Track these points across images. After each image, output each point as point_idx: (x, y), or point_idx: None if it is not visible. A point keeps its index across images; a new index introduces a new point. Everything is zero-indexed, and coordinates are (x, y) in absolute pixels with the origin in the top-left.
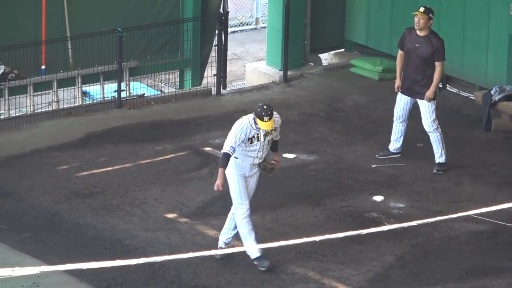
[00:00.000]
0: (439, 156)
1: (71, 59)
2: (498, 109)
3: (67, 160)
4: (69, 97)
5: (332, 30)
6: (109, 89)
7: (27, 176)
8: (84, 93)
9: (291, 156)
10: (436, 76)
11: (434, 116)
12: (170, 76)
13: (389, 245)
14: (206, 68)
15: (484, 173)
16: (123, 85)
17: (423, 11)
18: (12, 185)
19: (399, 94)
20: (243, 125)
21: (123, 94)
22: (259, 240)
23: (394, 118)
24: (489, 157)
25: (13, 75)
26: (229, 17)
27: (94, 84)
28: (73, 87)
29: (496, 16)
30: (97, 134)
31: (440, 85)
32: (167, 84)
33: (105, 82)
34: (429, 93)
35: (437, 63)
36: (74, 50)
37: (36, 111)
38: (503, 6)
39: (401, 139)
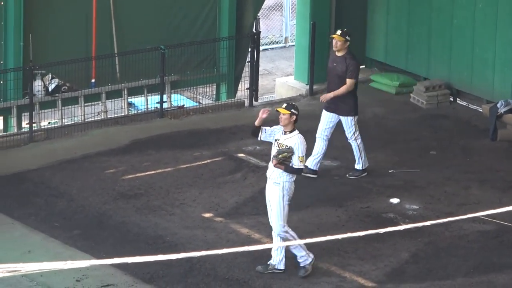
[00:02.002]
0: (357, 163)
1: (118, 73)
2: (504, 120)
3: (114, 164)
4: (116, 107)
5: (354, 49)
6: (152, 101)
7: (78, 178)
8: (130, 104)
9: None
10: (342, 88)
11: (354, 129)
12: (207, 89)
13: (405, 243)
14: (240, 82)
15: (491, 178)
16: (165, 97)
17: (340, 34)
18: (64, 186)
19: (323, 111)
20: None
21: (165, 105)
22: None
23: (317, 134)
24: (495, 164)
25: (66, 87)
26: (261, 36)
27: (138, 96)
28: (120, 98)
29: (502, 36)
30: (141, 141)
31: (451, 99)
32: (204, 97)
33: (149, 94)
34: (327, 96)
35: (347, 80)
36: (121, 65)
37: (86, 120)
38: (508, 27)
39: (320, 158)
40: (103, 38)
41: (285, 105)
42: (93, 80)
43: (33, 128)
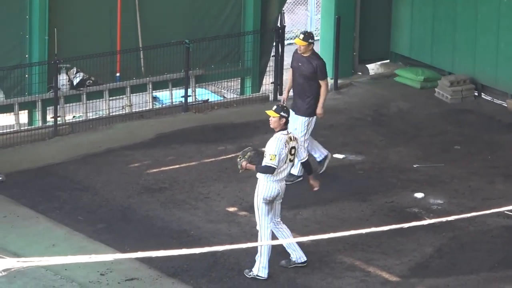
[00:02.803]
0: (294, 168)
1: (143, 67)
2: None
3: (139, 158)
4: (140, 101)
5: (379, 43)
6: (177, 95)
7: (102, 172)
8: (154, 98)
9: (340, 156)
10: (322, 92)
11: (305, 132)
12: (232, 83)
13: (429, 237)
14: (264, 76)
15: None
16: (189, 91)
17: (302, 38)
18: (89, 180)
19: (290, 111)
20: None
21: (190, 99)
22: (310, 232)
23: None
24: None
25: (91, 81)
26: (286, 30)
27: (163, 90)
28: (145, 92)
29: None
30: (165, 135)
31: (476, 93)
32: (229, 91)
33: (173, 88)
34: (318, 109)
35: (321, 82)
36: (146, 59)
37: (111, 114)
38: None
39: (319, 149)
40: (127, 32)
41: (274, 107)
42: (118, 74)
43: (58, 122)
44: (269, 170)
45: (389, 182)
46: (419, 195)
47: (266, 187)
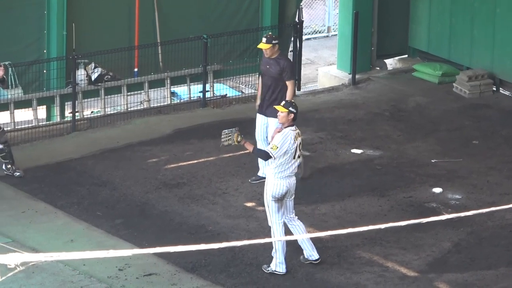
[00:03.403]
0: (260, 169)
1: (161, 63)
2: None
3: (157, 153)
4: (158, 96)
5: (397, 38)
6: (195, 90)
7: (120, 167)
8: (172, 93)
9: (358, 151)
10: (289, 94)
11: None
12: (250, 79)
13: (447, 232)
14: None
15: None
16: (207, 86)
17: (265, 42)
18: (107, 175)
19: (257, 114)
20: None
21: (208, 95)
22: (329, 227)
23: (256, 139)
24: None
25: (109, 76)
26: (304, 25)
27: (181, 85)
28: (163, 87)
29: None
30: (183, 130)
31: (494, 88)
32: (247, 86)
33: (192, 83)
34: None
35: (287, 82)
36: (164, 54)
37: (129, 109)
38: None
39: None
40: (146, 27)
41: (283, 102)
42: (136, 69)
43: (76, 117)
44: (265, 156)
45: (407, 177)
46: (437, 190)
47: (274, 184)
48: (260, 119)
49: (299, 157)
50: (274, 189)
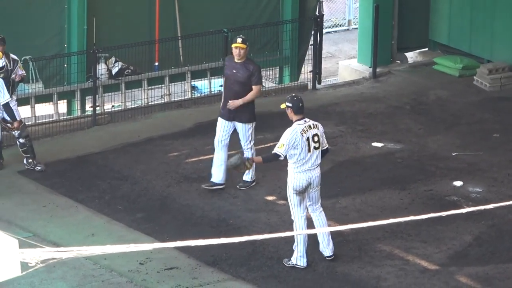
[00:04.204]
0: (247, 173)
1: (181, 56)
2: None
3: (178, 147)
4: (179, 90)
5: (417, 31)
6: (215, 84)
7: (141, 161)
8: (193, 87)
9: (379, 144)
10: (250, 95)
11: (251, 138)
12: (271, 72)
13: (468, 225)
14: (303, 65)
15: None
16: None
17: (241, 41)
18: (127, 170)
19: (219, 119)
20: None
21: None
22: (349, 220)
23: (215, 144)
24: None
25: (129, 71)
26: (324, 19)
27: (202, 79)
28: (183, 81)
29: None
30: (204, 124)
31: None
32: (267, 79)
33: (212, 77)
34: (235, 101)
35: (254, 87)
36: (184, 48)
37: (149, 103)
38: None
39: (224, 167)
40: (166, 21)
41: (287, 98)
42: (156, 63)
43: (97, 112)
44: (275, 158)
45: (428, 170)
46: (458, 183)
47: (294, 178)
48: (222, 124)
49: (316, 148)
50: (294, 182)
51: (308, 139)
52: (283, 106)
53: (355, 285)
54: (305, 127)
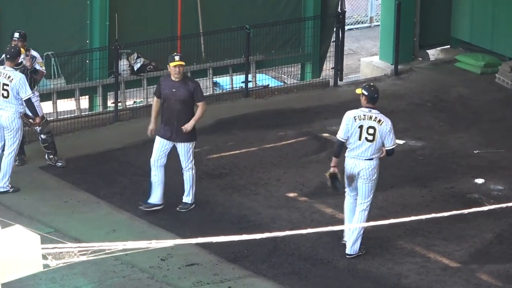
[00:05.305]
0: (187, 195)
1: (203, 53)
2: None
3: (199, 144)
4: (201, 87)
5: (439, 28)
6: (237, 80)
7: None
8: (215, 84)
9: (400, 142)
10: (199, 113)
11: (192, 157)
12: (292, 69)
13: (489, 223)
14: (325, 62)
15: None
16: (250, 76)
17: (180, 59)
18: (149, 166)
19: (157, 138)
20: None
21: (250, 85)
22: (371, 218)
23: (152, 164)
24: None
25: (151, 67)
26: (346, 16)
27: (223, 75)
28: (205, 78)
29: None
30: (226, 121)
31: None
32: (289, 76)
33: (234, 73)
34: (188, 125)
35: (199, 104)
36: (206, 44)
37: None
38: None
39: (162, 186)
40: (188, 18)
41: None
42: None
43: (118, 108)
44: (338, 145)
45: (449, 168)
46: (480, 181)
47: (345, 161)
48: (160, 143)
49: (368, 140)
50: (345, 164)
51: (360, 126)
52: (358, 91)
53: (376, 282)
54: (363, 114)
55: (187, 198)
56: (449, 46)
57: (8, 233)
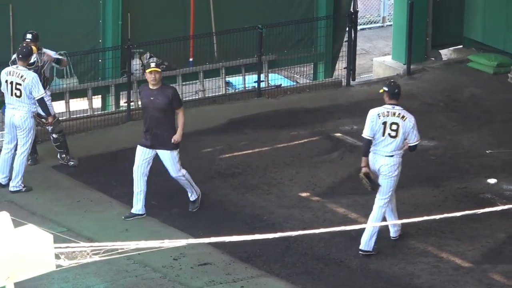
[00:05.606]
0: (191, 194)
1: (216, 53)
2: None
3: (211, 143)
4: (213, 86)
5: (452, 28)
6: (250, 80)
7: None
8: (227, 83)
9: (492, 181)
10: (181, 121)
11: (178, 165)
12: (305, 69)
13: (502, 223)
14: (337, 62)
15: None
16: (262, 76)
17: (156, 65)
18: (161, 165)
19: (138, 147)
20: None
21: (262, 84)
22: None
23: (134, 172)
24: None
25: (164, 66)
26: (359, 15)
27: (236, 75)
28: (218, 77)
29: None
30: (238, 120)
31: None
32: (301, 76)
33: (246, 73)
34: (177, 136)
35: (178, 111)
36: (219, 44)
37: (184, 99)
38: None
39: (142, 195)
40: (201, 17)
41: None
42: (190, 59)
43: (131, 107)
44: (366, 143)
45: (462, 167)
46: (492, 181)
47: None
48: (142, 152)
49: (391, 136)
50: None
51: (384, 123)
52: (381, 90)
53: (388, 282)
54: (387, 111)
55: (192, 196)
56: (461, 46)
57: (21, 232)
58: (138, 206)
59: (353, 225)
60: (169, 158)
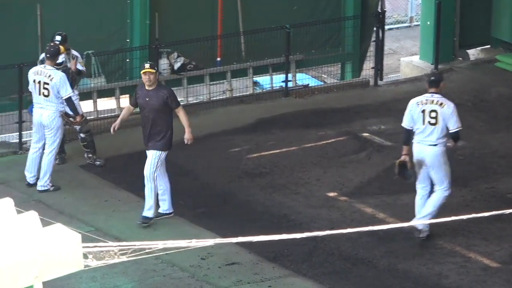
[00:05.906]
0: (150, 209)
1: (243, 52)
2: None
3: (239, 143)
4: (241, 86)
5: (479, 28)
6: (277, 80)
7: (202, 157)
8: (255, 83)
9: None
10: (184, 119)
11: (155, 168)
12: (332, 68)
13: None
14: (365, 62)
15: None
16: (290, 76)
17: (150, 66)
18: (189, 165)
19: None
20: None
21: (290, 84)
22: (410, 217)
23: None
24: None
25: (192, 66)
26: (386, 15)
27: (263, 74)
28: (245, 77)
29: None
30: (266, 120)
31: None
32: (329, 76)
33: (274, 73)
34: (187, 135)
35: (177, 110)
36: (246, 44)
37: (211, 98)
38: None
39: (167, 195)
40: (228, 17)
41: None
42: (218, 59)
43: None
44: (405, 133)
45: (489, 167)
46: None
47: (412, 147)
48: (147, 154)
49: (431, 124)
50: (412, 150)
51: (423, 111)
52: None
53: (416, 282)
54: (426, 99)
55: (150, 212)
56: (489, 46)
57: (49, 231)
58: (164, 206)
59: (380, 225)
60: (151, 155)
